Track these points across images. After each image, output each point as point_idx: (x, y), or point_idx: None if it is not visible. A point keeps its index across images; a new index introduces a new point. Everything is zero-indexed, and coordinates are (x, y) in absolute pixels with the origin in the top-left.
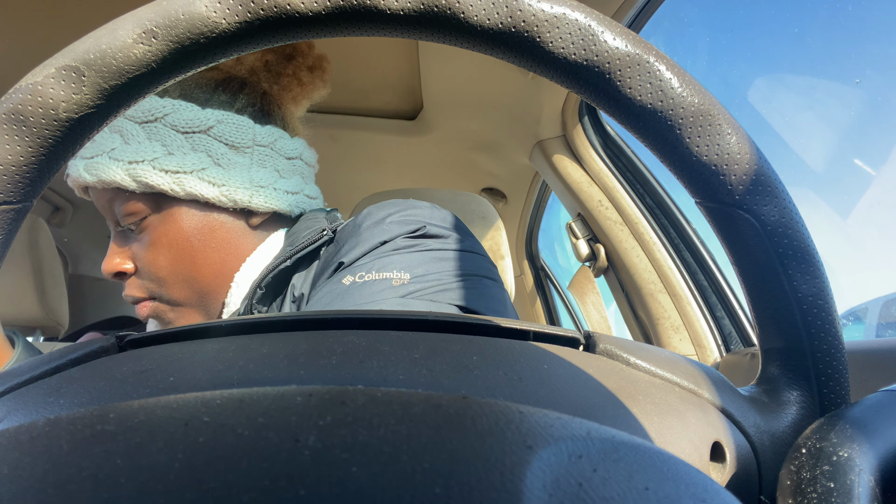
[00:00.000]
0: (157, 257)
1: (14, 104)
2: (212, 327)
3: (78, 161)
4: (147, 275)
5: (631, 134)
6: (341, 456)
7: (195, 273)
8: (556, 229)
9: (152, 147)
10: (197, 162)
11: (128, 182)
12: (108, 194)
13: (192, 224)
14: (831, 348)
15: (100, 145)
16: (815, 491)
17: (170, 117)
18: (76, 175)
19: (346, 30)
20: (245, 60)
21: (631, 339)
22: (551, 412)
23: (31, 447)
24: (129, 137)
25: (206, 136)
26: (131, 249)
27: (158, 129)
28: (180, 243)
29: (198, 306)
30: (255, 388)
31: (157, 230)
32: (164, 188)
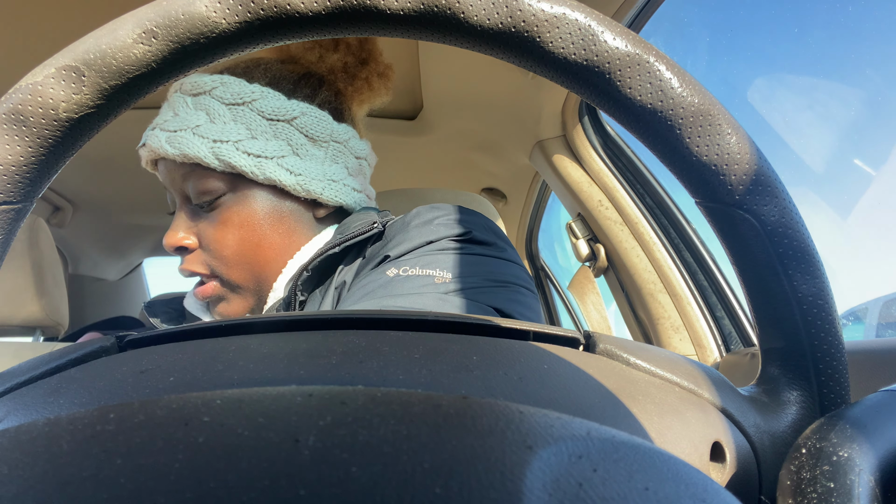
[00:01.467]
0: (226, 236)
1: (14, 104)
2: (211, 327)
3: (158, 133)
4: (212, 252)
5: (631, 134)
6: (341, 456)
7: (258, 257)
8: (556, 229)
9: (237, 129)
10: (278, 149)
11: (210, 159)
12: (184, 169)
13: (264, 208)
14: (831, 348)
15: (184, 121)
16: (815, 491)
17: (257, 103)
18: (156, 146)
19: (346, 30)
20: (326, 59)
21: (631, 339)
22: (551, 412)
23: (31, 447)
24: (216, 117)
25: (289, 126)
26: (197, 226)
27: (245, 113)
28: (250, 225)
29: (253, 291)
30: (255, 388)
31: (230, 210)
32: (245, 170)
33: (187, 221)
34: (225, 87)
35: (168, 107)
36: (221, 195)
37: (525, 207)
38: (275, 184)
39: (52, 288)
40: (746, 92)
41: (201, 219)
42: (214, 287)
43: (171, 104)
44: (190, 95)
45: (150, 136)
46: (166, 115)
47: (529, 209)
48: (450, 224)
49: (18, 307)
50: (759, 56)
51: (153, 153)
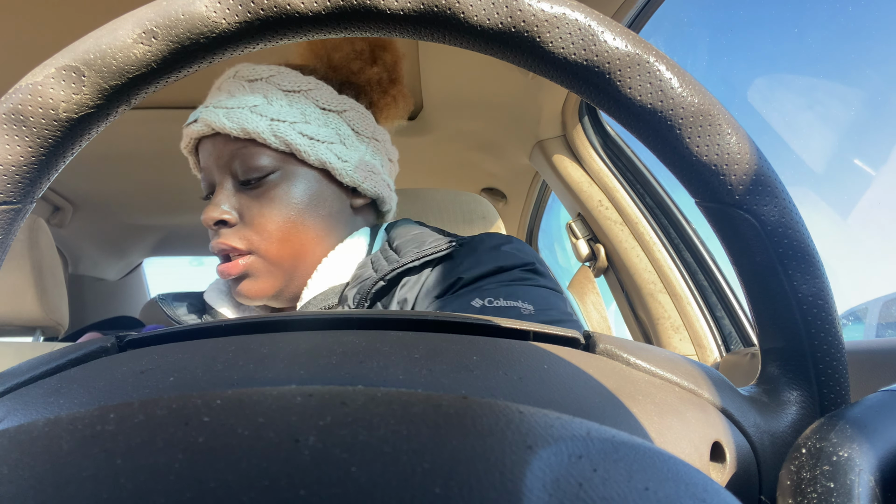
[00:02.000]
0: (273, 212)
1: (14, 104)
2: (212, 327)
3: (214, 109)
4: (255, 227)
5: (631, 134)
6: (341, 456)
7: (300, 236)
8: (556, 229)
9: (293, 112)
10: (328, 135)
11: (268, 135)
12: (237, 145)
13: (310, 189)
14: (831, 348)
15: (239, 100)
16: (815, 491)
17: (312, 92)
18: (214, 120)
19: (345, 30)
20: (365, 71)
21: (631, 339)
22: (551, 412)
23: (31, 447)
24: (273, 100)
25: (338, 117)
26: (239, 203)
27: (300, 100)
28: (296, 204)
29: (286, 271)
30: (255, 388)
31: (279, 187)
32: (299, 148)
33: (229, 198)
34: (282, 76)
35: (220, 90)
36: (270, 173)
37: (525, 207)
38: (324, 166)
39: (52, 288)
40: (746, 92)
41: (244, 196)
42: (246, 264)
43: (225, 87)
44: (246, 80)
45: (204, 112)
46: (219, 96)
47: (529, 209)
48: (516, 254)
49: (18, 307)
50: (759, 56)
51: (208, 127)
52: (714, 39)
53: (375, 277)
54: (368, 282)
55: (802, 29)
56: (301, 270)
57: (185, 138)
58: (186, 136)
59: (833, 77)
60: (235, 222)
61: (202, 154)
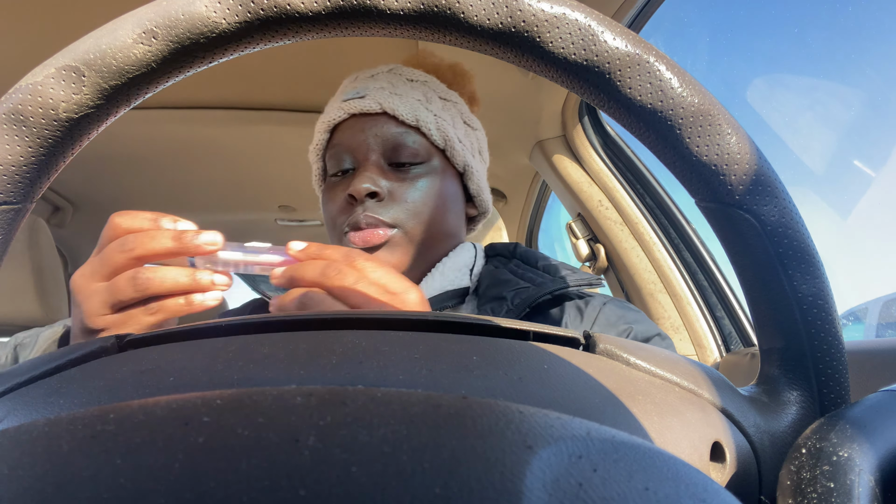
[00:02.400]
0: (422, 197)
1: (14, 104)
2: (212, 327)
3: (385, 93)
4: (406, 204)
5: (631, 134)
6: (341, 456)
7: (437, 226)
8: (556, 229)
9: (447, 115)
10: (470, 145)
11: (432, 128)
12: (400, 129)
13: (450, 186)
14: (831, 348)
15: (406, 91)
16: (815, 491)
17: (458, 105)
18: (387, 102)
19: (346, 30)
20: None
21: (631, 339)
22: (551, 412)
23: (31, 447)
24: (432, 100)
25: (474, 133)
26: (389, 181)
27: (450, 108)
28: (440, 196)
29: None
30: (255, 388)
31: (428, 177)
32: (453, 147)
33: (379, 175)
34: (435, 83)
35: (376, 79)
36: (423, 162)
37: (525, 207)
38: (465, 170)
39: (52, 288)
40: (746, 92)
41: (393, 176)
42: (387, 235)
43: (383, 78)
44: (406, 78)
45: (377, 93)
46: (378, 83)
47: (529, 209)
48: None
49: (18, 307)
50: (759, 56)
51: (379, 106)
52: (714, 39)
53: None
54: (532, 291)
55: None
56: (426, 260)
57: (336, 111)
58: (345, 109)
59: (833, 77)
60: (384, 197)
61: (350, 130)
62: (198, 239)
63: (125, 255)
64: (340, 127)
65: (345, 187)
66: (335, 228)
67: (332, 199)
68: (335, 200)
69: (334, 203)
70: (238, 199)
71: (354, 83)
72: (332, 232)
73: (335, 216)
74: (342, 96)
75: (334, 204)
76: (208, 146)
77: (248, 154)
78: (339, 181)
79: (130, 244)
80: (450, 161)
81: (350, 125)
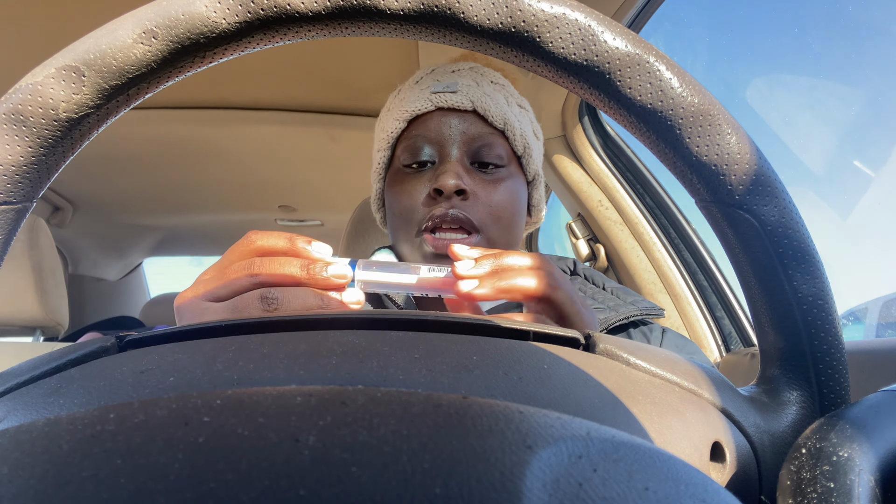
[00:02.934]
0: (503, 200)
1: (14, 104)
2: (212, 327)
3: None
4: (487, 206)
5: (631, 134)
6: (341, 456)
7: (512, 231)
8: (556, 229)
9: (524, 122)
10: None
11: (517, 134)
12: (486, 129)
13: (522, 192)
14: (831, 348)
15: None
16: (815, 491)
17: (529, 114)
18: (480, 100)
19: (346, 30)
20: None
21: (631, 339)
22: (551, 412)
23: (31, 447)
24: (512, 105)
25: (538, 145)
26: (472, 180)
27: (524, 116)
28: (517, 201)
29: None
30: (255, 388)
31: (508, 181)
32: (530, 155)
33: (464, 172)
34: (512, 89)
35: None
36: (504, 165)
37: None
38: (535, 178)
39: (52, 288)
40: (746, 92)
41: (475, 176)
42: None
43: (469, 76)
44: (489, 80)
45: (469, 89)
46: (467, 80)
47: None
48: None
49: (18, 307)
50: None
51: (470, 103)
52: (714, 39)
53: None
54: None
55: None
56: None
57: (421, 102)
58: (433, 101)
59: (833, 77)
60: (469, 196)
61: (436, 123)
62: (327, 271)
63: (250, 280)
64: (423, 118)
65: (425, 181)
66: (410, 222)
67: (407, 190)
68: (412, 193)
69: (411, 196)
70: (238, 199)
71: (435, 76)
72: (405, 226)
73: (412, 209)
74: (428, 88)
75: (411, 197)
76: (208, 146)
77: (248, 154)
78: (415, 173)
79: (257, 268)
80: (522, 168)
81: (435, 118)
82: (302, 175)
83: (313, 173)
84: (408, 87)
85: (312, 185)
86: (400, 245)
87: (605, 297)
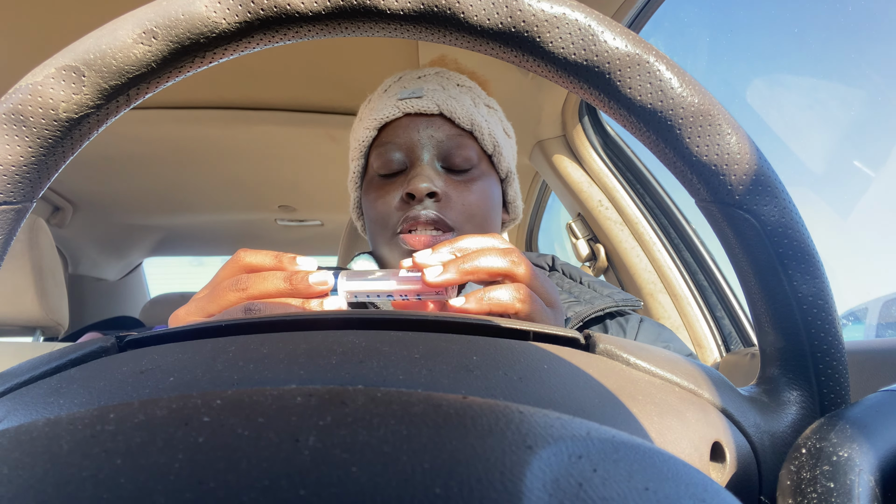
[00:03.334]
0: (476, 201)
1: (14, 104)
2: (212, 327)
3: (441, 94)
4: (460, 206)
5: (631, 134)
6: (341, 456)
7: (487, 225)
8: (556, 229)
9: (492, 122)
10: (510, 155)
11: (485, 134)
12: (455, 132)
13: (495, 192)
14: (831, 348)
15: (459, 95)
16: (815, 491)
17: (498, 113)
18: (446, 103)
19: (346, 29)
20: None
21: (631, 339)
22: (551, 412)
23: (31, 447)
24: (479, 106)
25: (510, 143)
26: (444, 183)
27: (493, 116)
28: (490, 200)
29: None
30: (255, 388)
31: (479, 182)
32: (501, 153)
33: (435, 176)
34: (479, 90)
35: (426, 80)
36: (475, 166)
37: (525, 207)
38: (508, 175)
39: (52, 288)
40: (746, 92)
41: (447, 179)
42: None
43: (434, 80)
44: (454, 83)
45: (434, 93)
46: (432, 85)
47: (529, 209)
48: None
49: (18, 307)
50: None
51: (437, 107)
52: (714, 39)
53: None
54: (585, 306)
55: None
56: None
57: (389, 109)
58: (400, 108)
59: (833, 77)
60: (442, 198)
61: (404, 129)
62: (308, 280)
63: (238, 295)
64: (392, 125)
65: (398, 186)
66: (386, 227)
67: (381, 197)
68: (386, 199)
69: (385, 201)
70: (238, 199)
71: (402, 83)
72: (382, 231)
73: (387, 214)
74: (395, 95)
75: (385, 202)
76: (208, 146)
77: (248, 154)
78: (388, 180)
79: (244, 284)
80: (494, 167)
81: (404, 124)
82: (302, 175)
83: (313, 173)
84: (377, 95)
85: (312, 185)
86: (379, 249)
87: (582, 290)
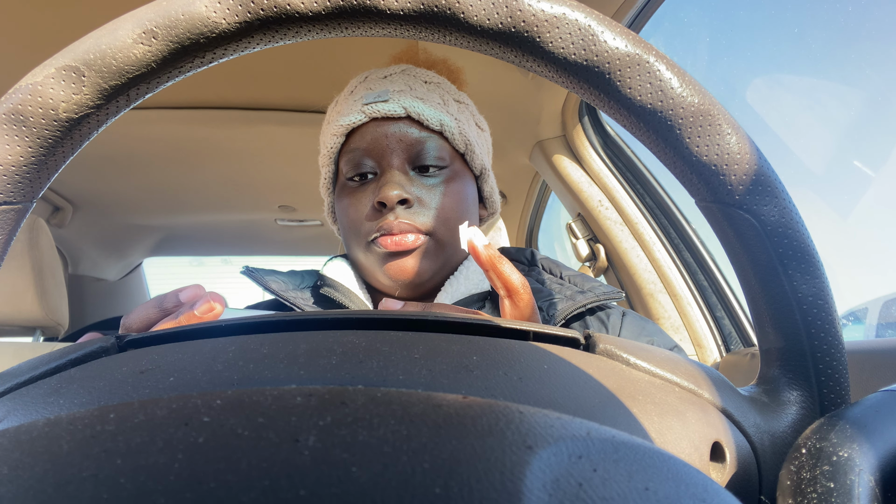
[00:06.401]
0: (449, 202)
1: (14, 104)
2: (212, 327)
3: (408, 98)
4: (432, 210)
5: (631, 134)
6: (341, 456)
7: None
8: (556, 229)
9: (463, 118)
10: (483, 149)
11: (455, 132)
12: (424, 134)
13: (470, 190)
14: (831, 348)
15: (426, 95)
16: (815, 491)
17: (470, 107)
18: (412, 106)
19: (346, 29)
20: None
21: (631, 339)
22: (551, 412)
23: (31, 447)
24: (449, 102)
25: (484, 135)
26: (415, 187)
27: (464, 111)
28: (464, 200)
29: (444, 262)
30: (255, 388)
31: (452, 182)
32: (473, 151)
33: (405, 181)
34: (448, 85)
35: (391, 80)
36: (446, 166)
37: (525, 207)
38: (482, 172)
39: (52, 288)
40: (746, 92)
41: (418, 182)
42: (420, 241)
43: (400, 80)
44: (421, 80)
45: (399, 96)
46: (398, 85)
47: (529, 209)
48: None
49: (18, 307)
50: (759, 56)
51: (403, 110)
52: (714, 39)
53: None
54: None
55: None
56: (451, 264)
57: (355, 115)
58: (366, 113)
59: (833, 77)
60: (413, 203)
61: (371, 134)
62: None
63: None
64: (359, 130)
65: (369, 193)
66: (359, 235)
67: (353, 204)
68: (358, 207)
69: (357, 209)
70: (238, 199)
71: (367, 84)
72: (356, 238)
73: (359, 222)
74: (360, 99)
75: (357, 210)
76: (208, 146)
77: (248, 154)
78: (359, 186)
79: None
80: (467, 164)
81: (370, 129)
82: (302, 175)
83: (313, 173)
84: (343, 98)
85: (312, 185)
86: (354, 254)
87: (564, 286)
